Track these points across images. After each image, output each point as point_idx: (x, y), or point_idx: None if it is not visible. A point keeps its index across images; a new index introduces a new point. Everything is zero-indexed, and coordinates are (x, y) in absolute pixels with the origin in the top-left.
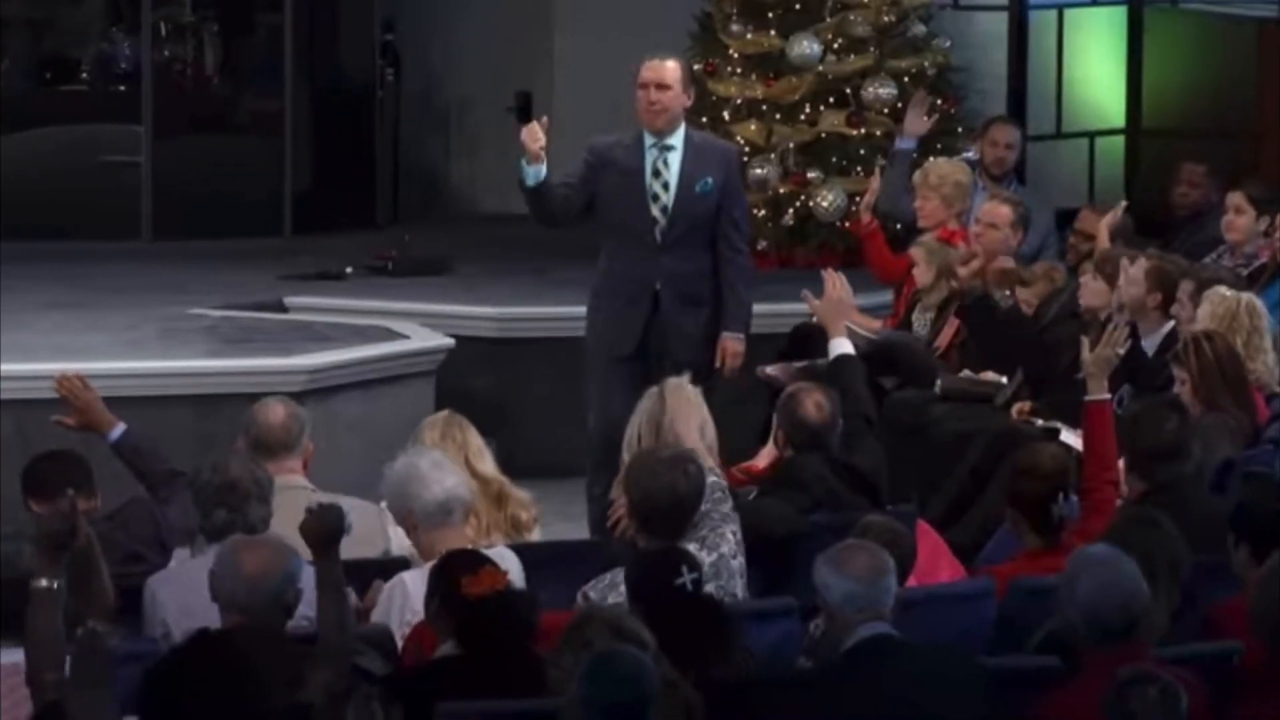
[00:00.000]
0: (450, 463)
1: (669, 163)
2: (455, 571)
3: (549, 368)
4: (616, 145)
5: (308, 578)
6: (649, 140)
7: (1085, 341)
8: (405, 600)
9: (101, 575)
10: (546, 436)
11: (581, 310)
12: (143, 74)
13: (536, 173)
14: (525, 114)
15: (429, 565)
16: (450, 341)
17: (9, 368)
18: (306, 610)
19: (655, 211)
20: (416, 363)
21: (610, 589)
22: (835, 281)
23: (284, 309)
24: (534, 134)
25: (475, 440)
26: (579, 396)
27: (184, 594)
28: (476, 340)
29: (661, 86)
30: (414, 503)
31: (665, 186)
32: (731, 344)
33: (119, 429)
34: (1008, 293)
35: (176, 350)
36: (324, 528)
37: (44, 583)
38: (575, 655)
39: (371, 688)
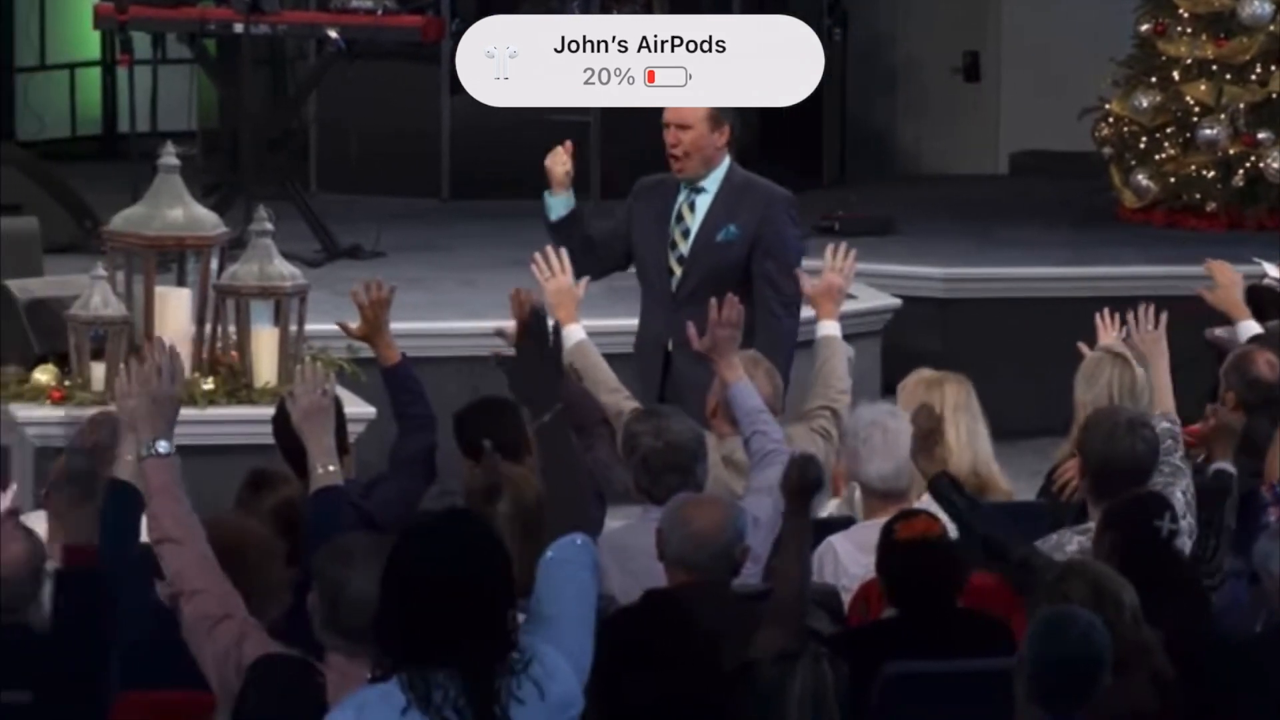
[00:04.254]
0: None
1: (696, 207)
2: (893, 520)
3: (997, 328)
4: (657, 186)
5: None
6: (685, 182)
7: None
8: (837, 564)
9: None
10: (993, 397)
11: (1029, 270)
12: None
13: (558, 204)
14: (972, 73)
15: (859, 526)
16: (897, 301)
17: (458, 325)
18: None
19: (672, 261)
20: (864, 322)
21: (1055, 550)
22: (1222, 270)
23: None
24: (558, 158)
25: (954, 400)
26: (1027, 357)
27: (625, 554)
28: (923, 300)
29: (682, 127)
30: (864, 469)
31: (685, 234)
32: None
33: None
34: None
35: (623, 309)
36: (804, 479)
37: None
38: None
39: (820, 647)
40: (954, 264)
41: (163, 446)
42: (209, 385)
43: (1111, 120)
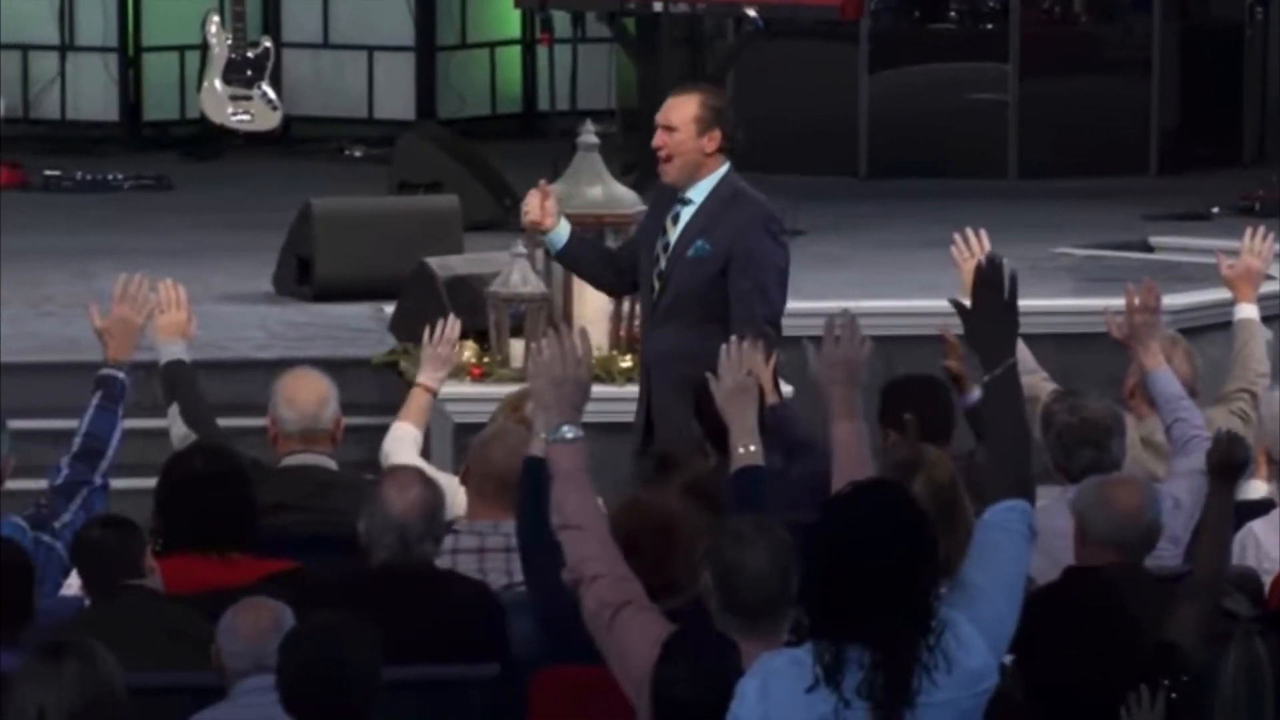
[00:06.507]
0: None
1: (679, 220)
2: None
3: None
4: (663, 195)
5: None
6: (678, 193)
7: None
8: (1258, 549)
9: (968, 512)
10: None
11: None
12: (1011, 12)
13: (553, 239)
14: None
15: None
16: None
17: (875, 304)
18: None
19: (653, 277)
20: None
21: None
22: None
23: (1149, 249)
24: (529, 204)
25: None
26: None
27: (1041, 535)
28: None
29: (667, 128)
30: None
31: (666, 247)
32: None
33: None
34: None
35: (1040, 288)
36: (1229, 458)
37: None
38: None
39: (1252, 624)
40: None
41: (569, 432)
42: (627, 363)
43: None
